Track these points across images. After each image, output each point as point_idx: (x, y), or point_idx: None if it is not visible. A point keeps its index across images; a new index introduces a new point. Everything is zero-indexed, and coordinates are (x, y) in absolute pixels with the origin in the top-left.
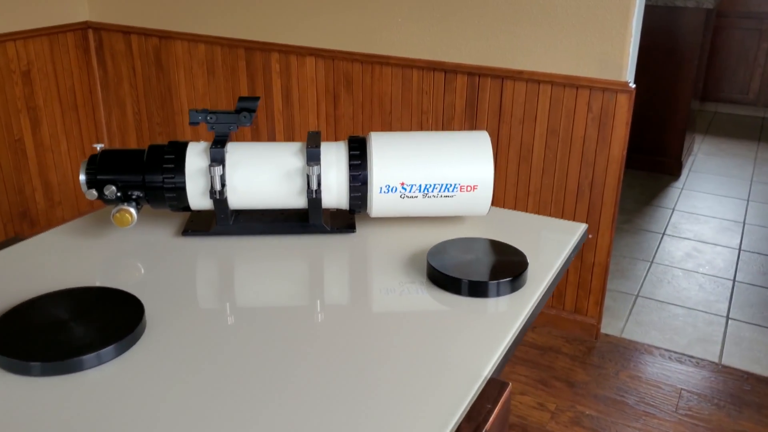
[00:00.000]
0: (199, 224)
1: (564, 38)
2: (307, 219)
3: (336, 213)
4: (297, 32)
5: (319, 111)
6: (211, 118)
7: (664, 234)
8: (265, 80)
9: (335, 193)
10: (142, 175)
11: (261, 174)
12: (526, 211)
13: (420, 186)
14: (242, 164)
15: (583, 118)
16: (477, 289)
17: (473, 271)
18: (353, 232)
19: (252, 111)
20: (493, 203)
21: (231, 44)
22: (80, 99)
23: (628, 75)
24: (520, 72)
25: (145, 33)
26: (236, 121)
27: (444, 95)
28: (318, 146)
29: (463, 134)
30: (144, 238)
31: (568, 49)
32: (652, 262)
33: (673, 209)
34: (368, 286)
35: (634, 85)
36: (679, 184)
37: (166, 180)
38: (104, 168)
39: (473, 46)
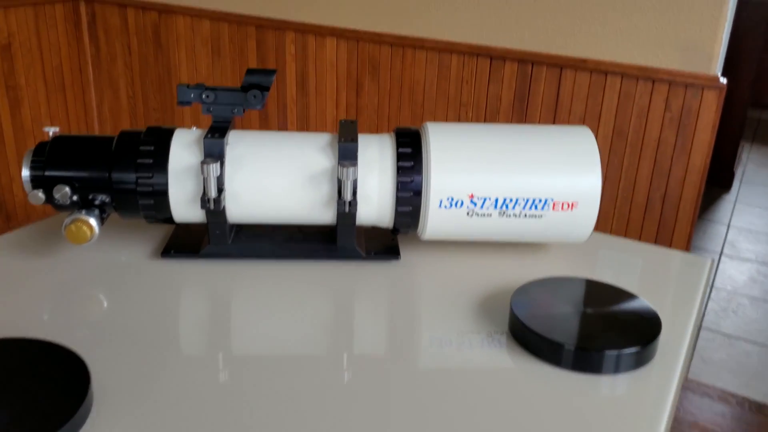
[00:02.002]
0: (186, 242)
1: (639, 21)
2: (334, 240)
3: (372, 232)
4: (317, 9)
5: (338, 100)
6: (207, 96)
7: (721, 254)
8: (278, 63)
9: (376, 205)
10: (108, 173)
11: (273, 176)
12: None
13: (496, 201)
14: (247, 161)
15: (658, 118)
16: (585, 361)
17: (579, 332)
18: (396, 259)
19: (265, 89)
20: None
21: (240, 21)
22: (68, 79)
23: (718, 67)
24: (584, 61)
25: (143, 6)
26: (242, 101)
27: (488, 85)
28: (355, 140)
29: (556, 129)
30: (108, 260)
31: (645, 34)
32: (712, 286)
33: (729, 225)
34: (414, 334)
35: (725, 80)
36: (731, 196)
37: (140, 181)
38: (56, 161)
39: (527, 29)
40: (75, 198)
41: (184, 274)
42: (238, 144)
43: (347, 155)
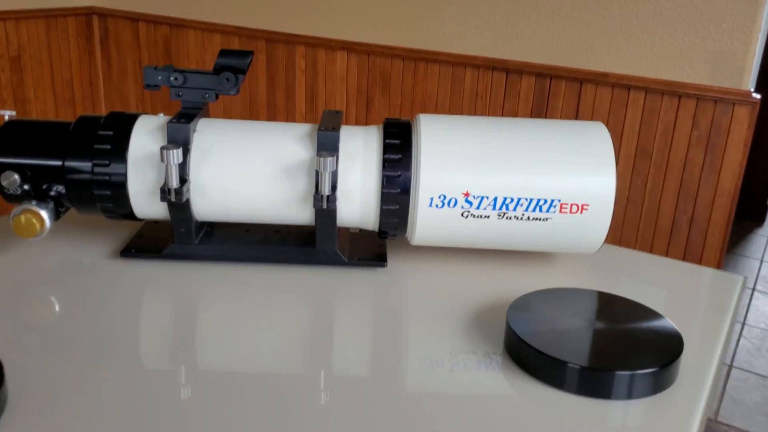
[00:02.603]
0: (150, 242)
1: (665, 33)
2: (313, 243)
3: (359, 237)
4: (328, 22)
5: (348, 115)
6: (176, 78)
7: (754, 290)
8: (288, 78)
9: (358, 203)
10: (62, 160)
11: (243, 167)
12: None
13: (495, 200)
14: (215, 151)
15: (685, 136)
16: (593, 384)
17: (586, 351)
18: (382, 266)
19: (239, 71)
20: None
21: (250, 35)
22: (78, 93)
23: (751, 81)
24: (605, 74)
25: (154, 21)
26: (214, 85)
27: (504, 100)
28: (337, 129)
29: (567, 123)
30: (64, 259)
31: (671, 46)
32: (744, 323)
33: (762, 260)
34: (401, 352)
35: (758, 96)
36: (764, 230)
37: (96, 169)
38: (6, 146)
39: (545, 41)
40: (26, 187)
41: (144, 277)
42: (207, 132)
43: (327, 145)
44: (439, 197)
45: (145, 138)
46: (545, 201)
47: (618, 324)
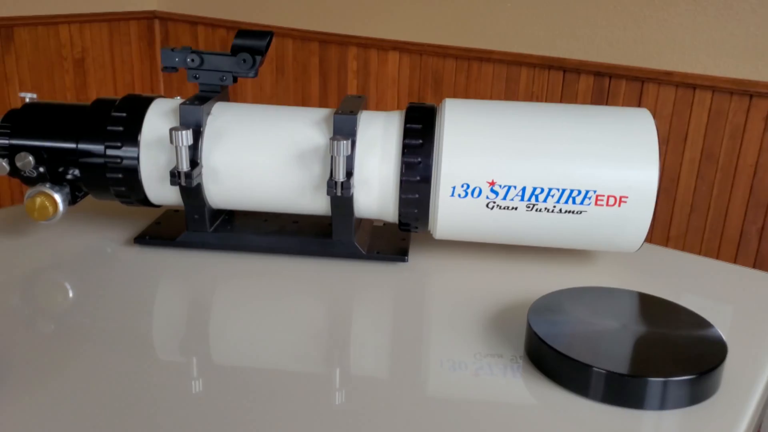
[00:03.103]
0: (167, 229)
1: (736, 28)
2: (331, 234)
3: (383, 229)
4: (380, 22)
5: None
6: (192, 60)
7: None
8: (339, 80)
9: (377, 192)
10: (76, 142)
11: (256, 152)
12: None
13: (523, 190)
14: (228, 135)
15: (756, 139)
16: (621, 391)
17: (615, 354)
18: (403, 261)
19: (256, 53)
20: None
21: (304, 37)
22: None
23: None
24: (669, 73)
25: (212, 24)
26: (232, 67)
27: (561, 101)
28: (355, 112)
29: (608, 109)
30: (80, 244)
31: (742, 42)
32: None
33: None
34: (421, 353)
35: None
36: None
37: (109, 152)
38: (24, 128)
39: (605, 38)
40: (42, 170)
41: (157, 264)
42: (221, 115)
43: (343, 129)
44: (462, 186)
45: (159, 120)
46: (579, 192)
47: (653, 327)
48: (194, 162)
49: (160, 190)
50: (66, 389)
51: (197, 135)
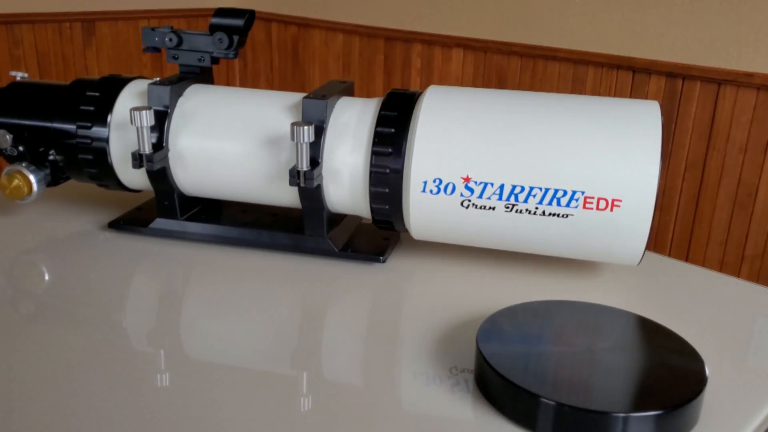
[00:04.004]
0: (144, 215)
1: None
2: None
3: (367, 227)
4: (444, 18)
5: None
6: (170, 40)
7: None
8: (403, 78)
9: (347, 185)
10: (51, 122)
11: (223, 136)
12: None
13: (501, 188)
14: (195, 117)
15: None
16: (576, 428)
17: (571, 383)
18: (379, 261)
19: (235, 32)
20: (668, 252)
21: (370, 33)
22: None
23: None
24: (750, 75)
25: (285, 21)
26: (209, 47)
27: None
28: (327, 96)
29: (606, 101)
30: (56, 227)
31: None
32: None
33: None
34: (395, 364)
35: None
36: None
37: (80, 131)
38: (4, 106)
39: (678, 35)
40: (21, 149)
41: (128, 251)
42: (192, 97)
43: (309, 113)
44: (435, 182)
45: (132, 101)
46: (564, 193)
47: (624, 350)
48: (159, 145)
49: (132, 174)
50: (26, 373)
51: (163, 116)
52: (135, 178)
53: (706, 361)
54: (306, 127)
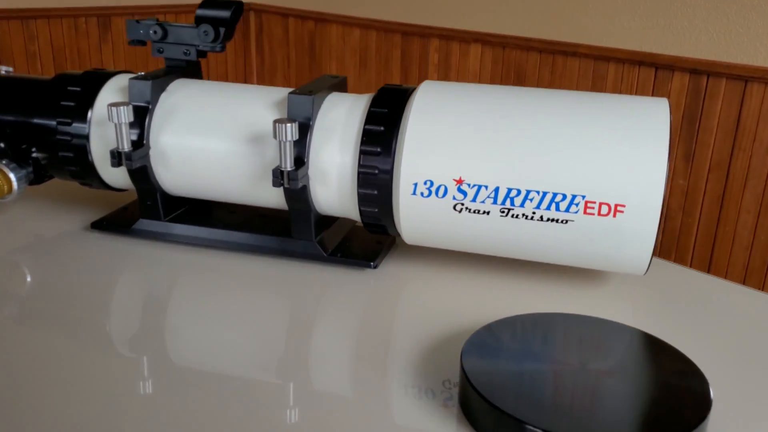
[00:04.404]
0: (128, 216)
1: None
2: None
3: (361, 233)
4: (462, 13)
5: None
6: (155, 32)
7: None
8: (420, 73)
9: (335, 186)
10: (31, 117)
11: (205, 133)
12: (763, 290)
13: (496, 191)
14: (178, 114)
15: None
16: None
17: (562, 408)
18: (370, 266)
19: (221, 24)
20: (693, 265)
21: (387, 28)
22: None
23: None
24: None
25: (302, 15)
26: (194, 40)
27: None
28: (314, 92)
29: (612, 98)
30: (39, 227)
31: None
32: None
33: None
34: (386, 375)
35: None
36: None
37: (60, 128)
38: None
39: (704, 30)
40: (3, 146)
41: (110, 252)
42: (176, 92)
43: (297, 110)
44: (425, 183)
45: (114, 96)
46: (564, 197)
47: (622, 370)
48: (139, 142)
49: (114, 172)
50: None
51: (144, 112)
52: (117, 176)
53: (713, 382)
54: (289, 125)
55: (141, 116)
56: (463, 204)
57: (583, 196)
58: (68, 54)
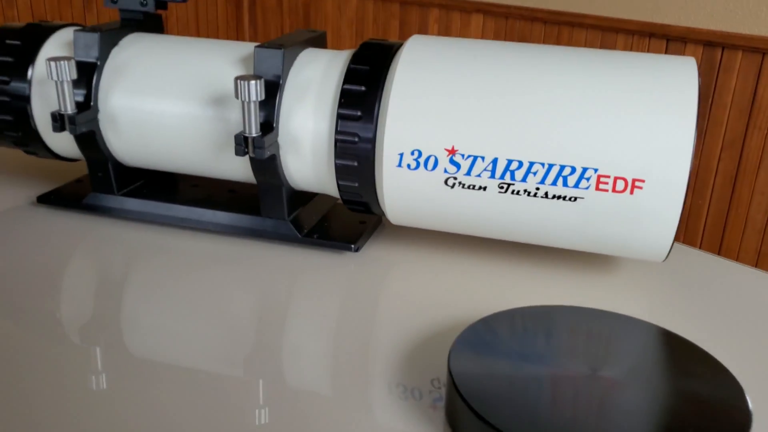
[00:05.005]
0: (82, 189)
1: None
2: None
3: (340, 208)
4: None
5: None
6: None
7: None
8: None
9: (309, 156)
10: None
11: (160, 94)
12: None
13: (494, 163)
14: (129, 71)
15: None
16: None
17: (566, 421)
18: (351, 250)
19: None
20: (699, 241)
21: None
22: None
23: None
24: None
25: None
26: None
27: None
28: (285, 46)
29: (629, 57)
30: None
31: None
32: None
33: None
34: (367, 373)
35: None
36: None
37: None
38: None
39: (717, 1)
40: None
41: (59, 230)
42: (128, 48)
43: (265, 67)
44: (413, 154)
45: (59, 52)
46: (573, 170)
47: (641, 377)
48: (86, 104)
49: (60, 139)
50: None
51: (91, 69)
52: (65, 144)
53: (749, 391)
54: (253, 82)
55: (88, 74)
56: (455, 178)
57: (595, 170)
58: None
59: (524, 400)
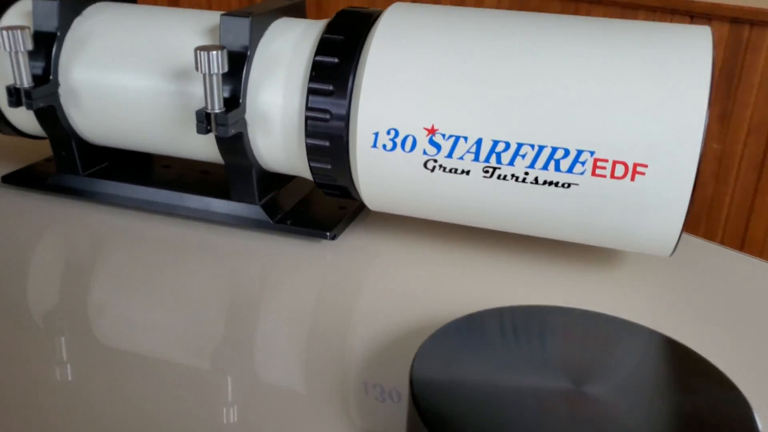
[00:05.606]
0: (47, 169)
1: None
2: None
3: (319, 194)
4: None
5: None
6: None
7: None
8: None
9: (279, 134)
10: None
11: (121, 67)
12: None
13: (478, 144)
14: (90, 43)
15: None
16: None
17: None
18: (327, 238)
19: None
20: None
21: None
22: None
23: None
24: None
25: None
26: None
27: None
28: (255, 14)
29: (635, 26)
30: None
31: None
32: None
33: None
34: (341, 372)
35: None
36: None
37: None
38: None
39: None
40: None
41: (23, 212)
42: (92, 17)
43: (231, 37)
44: (389, 133)
45: (20, 22)
46: (566, 153)
47: (633, 391)
48: (45, 77)
49: (24, 115)
50: None
51: (50, 40)
52: (28, 120)
53: (758, 409)
54: (215, 52)
55: (47, 45)
56: (436, 161)
57: (592, 153)
58: None
59: (503, 420)
